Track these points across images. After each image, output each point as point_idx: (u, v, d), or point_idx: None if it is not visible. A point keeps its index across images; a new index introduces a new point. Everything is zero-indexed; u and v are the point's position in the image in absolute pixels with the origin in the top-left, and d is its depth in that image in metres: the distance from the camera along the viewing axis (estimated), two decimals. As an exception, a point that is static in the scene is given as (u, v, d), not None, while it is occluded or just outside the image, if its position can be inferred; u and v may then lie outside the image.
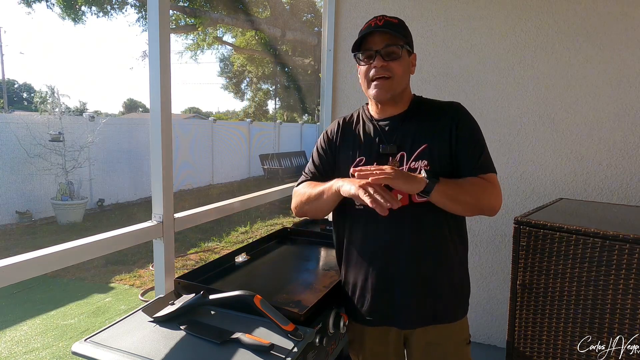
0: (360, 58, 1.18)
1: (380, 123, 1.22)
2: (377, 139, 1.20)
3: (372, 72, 1.15)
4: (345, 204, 1.21)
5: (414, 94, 1.27)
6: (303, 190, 1.27)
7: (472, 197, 1.12)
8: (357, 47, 1.17)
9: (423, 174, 1.07)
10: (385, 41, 1.14)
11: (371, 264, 1.19)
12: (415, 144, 1.16)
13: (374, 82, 1.16)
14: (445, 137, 1.16)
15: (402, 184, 1.03)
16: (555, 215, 1.71)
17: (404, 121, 1.20)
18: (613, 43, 2.12)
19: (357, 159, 1.22)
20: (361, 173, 1.04)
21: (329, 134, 1.31)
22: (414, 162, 1.15)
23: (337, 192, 1.12)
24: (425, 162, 1.14)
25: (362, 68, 1.18)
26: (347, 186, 1.07)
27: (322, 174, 1.29)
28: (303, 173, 1.35)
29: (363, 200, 1.00)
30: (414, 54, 1.22)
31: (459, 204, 1.12)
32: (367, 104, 1.31)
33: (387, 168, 1.05)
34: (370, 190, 1.00)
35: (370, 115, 1.26)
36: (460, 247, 1.24)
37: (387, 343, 1.26)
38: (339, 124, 1.31)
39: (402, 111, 1.22)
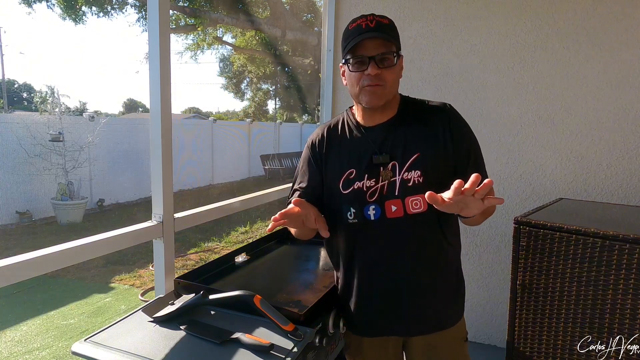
0: (351, 64, 1.09)
1: (369, 132, 1.16)
2: (367, 149, 1.14)
3: (364, 80, 1.08)
4: (335, 218, 1.17)
5: (400, 94, 1.20)
6: None
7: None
8: (348, 52, 1.09)
9: None
10: (378, 47, 1.06)
11: (369, 277, 1.17)
12: (407, 153, 1.11)
13: (367, 89, 1.09)
14: (437, 143, 1.11)
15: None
16: (555, 215, 1.71)
17: (393, 128, 1.14)
18: (613, 43, 2.12)
19: (347, 171, 1.14)
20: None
21: (314, 144, 1.23)
22: (406, 173, 1.10)
23: None
24: (419, 173, 1.09)
25: (352, 74, 1.10)
26: None
27: (311, 189, 1.21)
28: (292, 187, 1.27)
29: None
30: (402, 55, 1.14)
31: (484, 217, 1.10)
32: (352, 107, 1.24)
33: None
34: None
35: (356, 121, 1.19)
36: (456, 252, 1.23)
37: (386, 350, 1.25)
38: (323, 133, 1.22)
39: (390, 117, 1.15)
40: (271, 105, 24.93)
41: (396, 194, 1.10)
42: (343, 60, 1.14)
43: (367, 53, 1.07)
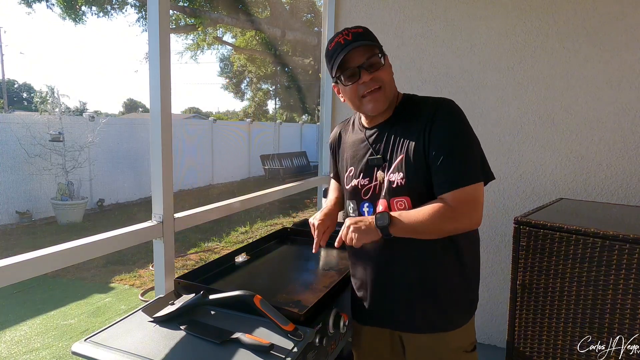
0: (343, 79, 1.12)
1: (368, 132, 1.20)
2: (364, 150, 1.20)
3: (361, 89, 1.10)
4: (345, 209, 1.29)
5: (403, 94, 1.20)
6: (329, 189, 1.48)
7: (432, 226, 1.04)
8: (337, 69, 1.11)
9: (374, 219, 1.06)
10: (362, 54, 1.08)
11: (366, 267, 1.22)
12: (394, 154, 1.12)
13: (367, 97, 1.11)
14: (420, 143, 1.08)
15: (366, 239, 1.07)
16: (555, 215, 1.71)
17: (387, 128, 1.16)
18: (613, 43, 2.12)
19: (348, 169, 1.24)
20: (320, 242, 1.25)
21: (332, 141, 1.38)
22: (392, 175, 1.11)
23: None
24: (401, 175, 1.09)
25: (348, 88, 1.12)
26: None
27: (337, 177, 1.41)
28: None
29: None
30: (387, 55, 1.15)
31: (422, 235, 1.07)
32: None
33: (346, 227, 1.10)
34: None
35: (361, 123, 1.25)
36: (464, 250, 1.16)
37: (382, 341, 1.27)
38: (338, 132, 1.36)
39: (388, 117, 1.17)
40: (271, 105, 24.95)
41: (384, 194, 1.14)
42: (334, 80, 1.17)
43: (354, 64, 1.09)
